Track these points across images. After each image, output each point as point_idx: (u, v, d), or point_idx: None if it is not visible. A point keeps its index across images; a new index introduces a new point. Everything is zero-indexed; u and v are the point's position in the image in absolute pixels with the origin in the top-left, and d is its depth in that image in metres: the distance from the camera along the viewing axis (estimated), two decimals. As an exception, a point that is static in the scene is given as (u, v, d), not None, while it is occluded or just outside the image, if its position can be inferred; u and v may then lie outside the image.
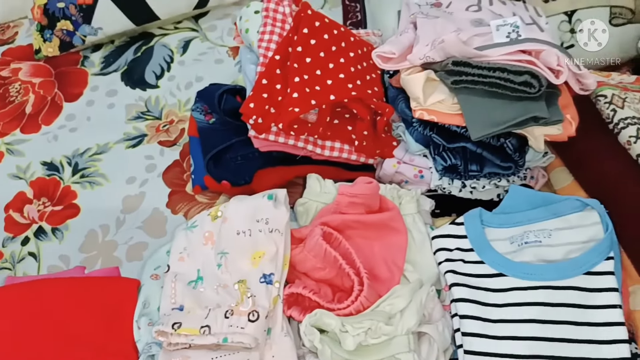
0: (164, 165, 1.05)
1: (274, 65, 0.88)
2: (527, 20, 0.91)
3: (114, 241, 0.97)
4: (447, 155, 0.83)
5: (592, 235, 0.71)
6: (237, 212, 0.76)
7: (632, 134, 0.78)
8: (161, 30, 1.26)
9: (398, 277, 0.77)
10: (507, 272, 0.71)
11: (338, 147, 0.90)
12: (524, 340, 0.67)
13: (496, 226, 0.77)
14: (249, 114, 0.85)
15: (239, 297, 0.71)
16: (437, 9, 0.92)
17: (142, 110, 1.13)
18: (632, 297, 0.73)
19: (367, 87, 0.90)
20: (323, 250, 0.74)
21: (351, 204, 0.78)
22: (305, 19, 0.89)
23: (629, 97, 0.83)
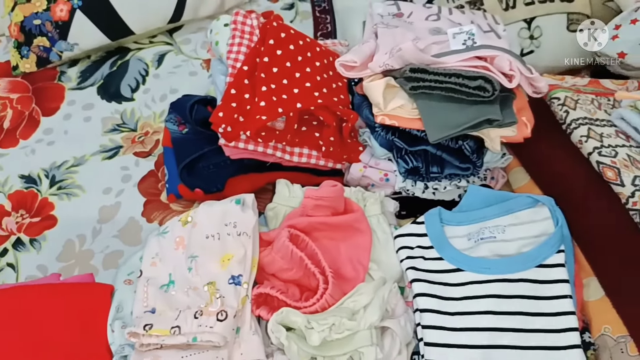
0: (139, 176, 1.07)
1: (242, 76, 0.91)
2: (485, 28, 0.96)
3: (90, 250, 0.99)
4: (409, 158, 0.86)
5: (543, 230, 0.75)
6: (206, 217, 0.79)
7: (584, 134, 0.82)
8: (136, 45, 1.29)
9: (363, 276, 0.80)
10: (464, 267, 0.75)
11: (306, 153, 0.94)
12: (480, 331, 0.70)
13: (455, 224, 0.80)
14: (218, 122, 0.88)
15: (209, 298, 0.73)
16: (398, 19, 0.96)
17: (118, 123, 1.16)
18: (585, 289, 0.77)
19: (333, 95, 0.94)
20: (289, 252, 0.77)
21: (317, 207, 0.81)
22: (271, 31, 0.92)
23: (581, 98, 0.87)
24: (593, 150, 0.80)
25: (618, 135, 0.83)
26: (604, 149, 0.79)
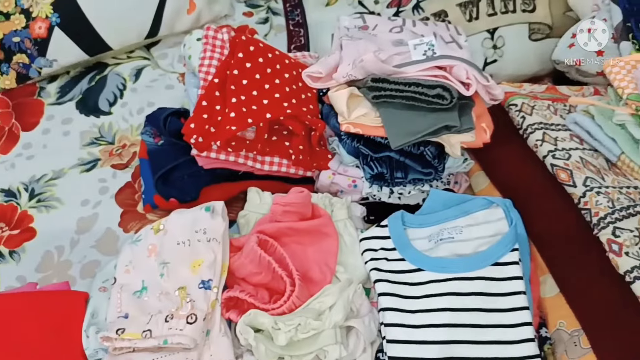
0: (117, 187, 1.09)
1: (213, 88, 0.94)
2: (447, 38, 1.00)
3: (68, 260, 1.01)
4: (374, 165, 0.90)
5: (498, 230, 0.78)
6: (177, 225, 0.82)
7: (539, 138, 0.86)
8: (114, 60, 1.32)
9: (330, 278, 0.83)
10: (424, 267, 0.78)
11: (277, 162, 0.97)
12: (439, 327, 0.73)
13: (416, 226, 0.84)
14: (190, 133, 0.90)
15: (179, 302, 0.76)
16: (363, 31, 1.00)
17: (96, 136, 1.19)
18: (542, 286, 0.80)
19: (302, 105, 0.97)
20: (258, 256, 0.79)
21: (285, 213, 0.84)
22: (240, 45, 0.95)
23: (537, 104, 0.91)
24: (547, 154, 0.83)
25: (572, 138, 0.87)
26: (557, 152, 0.83)
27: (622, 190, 0.79)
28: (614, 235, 0.73)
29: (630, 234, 0.73)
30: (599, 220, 0.75)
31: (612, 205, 0.75)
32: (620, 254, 0.72)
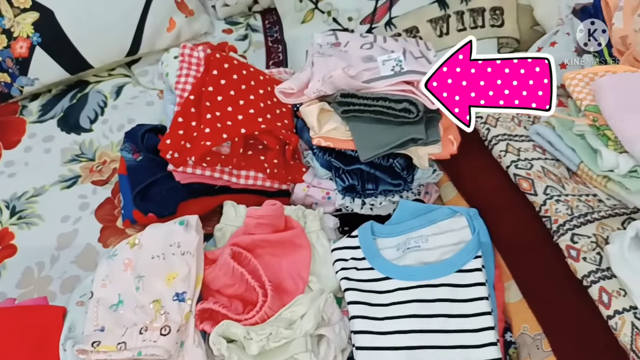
0: (97, 203, 1.11)
1: (188, 105, 0.97)
2: (416, 54, 1.03)
3: (49, 276, 1.02)
4: (345, 177, 0.92)
5: (461, 238, 0.81)
6: (151, 239, 0.84)
7: (502, 149, 0.89)
8: (96, 78, 1.34)
9: (302, 288, 0.85)
10: (392, 276, 0.81)
11: (252, 176, 0.99)
12: (405, 334, 0.75)
13: (385, 236, 0.86)
14: (166, 149, 0.93)
15: (154, 315, 0.78)
16: (335, 48, 1.03)
17: (77, 153, 1.21)
18: (507, 292, 0.83)
19: (276, 120, 1.00)
20: (231, 268, 0.82)
21: (258, 225, 0.87)
22: (214, 62, 0.98)
23: (502, 116, 0.95)
24: (510, 164, 0.87)
25: (535, 149, 0.90)
26: (520, 162, 0.86)
27: (581, 198, 0.82)
28: (572, 241, 0.76)
29: (587, 239, 0.76)
30: (558, 227, 0.77)
31: (570, 213, 0.78)
32: (578, 260, 0.74)
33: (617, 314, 0.70)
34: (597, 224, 0.78)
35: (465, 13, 1.16)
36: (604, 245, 0.75)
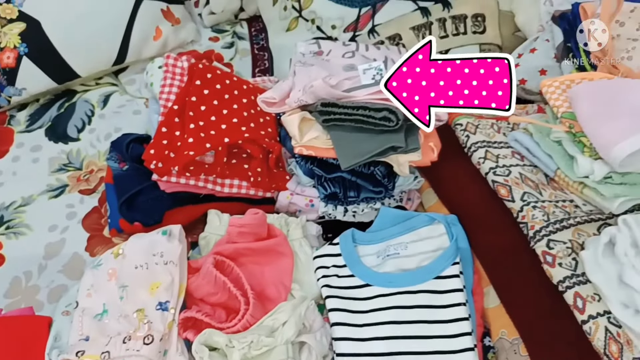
0: (84, 212, 1.12)
1: (172, 114, 0.98)
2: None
3: (36, 285, 1.03)
4: (328, 185, 0.94)
5: (439, 245, 0.82)
6: (135, 249, 0.85)
7: (481, 156, 0.90)
8: (83, 87, 1.35)
9: (285, 296, 0.86)
10: (372, 283, 0.82)
11: (236, 184, 1.00)
12: (384, 340, 0.76)
13: (366, 243, 0.88)
14: (150, 159, 0.94)
15: (137, 324, 0.79)
16: (318, 56, 1.04)
17: (64, 163, 1.21)
18: (485, 297, 0.84)
19: (260, 129, 1.01)
20: (214, 277, 0.83)
21: (241, 234, 0.88)
22: (197, 72, 0.99)
23: (481, 123, 0.96)
24: (489, 171, 0.88)
25: (514, 155, 0.91)
26: (498, 168, 0.87)
27: (557, 204, 0.83)
28: (548, 247, 0.77)
29: (563, 245, 0.77)
30: (534, 233, 0.79)
31: (547, 219, 0.80)
32: (553, 265, 0.76)
33: (591, 319, 0.71)
34: (573, 229, 0.80)
35: (447, 20, 1.17)
36: (579, 251, 0.77)
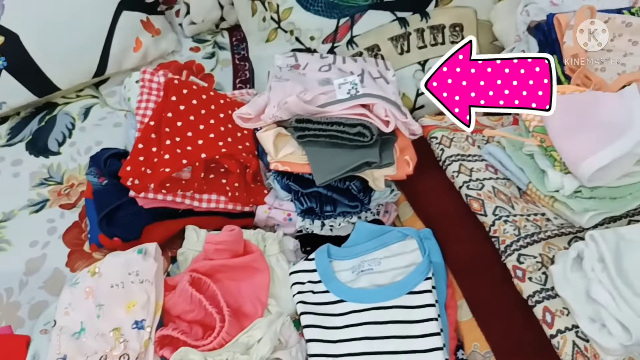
0: (64, 227, 1.12)
1: (149, 131, 0.98)
2: (375, 74, 1.05)
3: (17, 302, 1.04)
4: (304, 200, 0.94)
5: (412, 260, 0.83)
6: (111, 268, 0.85)
7: (455, 170, 0.91)
8: (64, 99, 1.35)
9: (261, 312, 0.87)
10: (346, 298, 0.83)
11: (214, 199, 1.01)
12: (357, 356, 0.77)
13: (341, 258, 0.88)
14: (126, 176, 0.94)
15: (114, 343, 0.79)
16: (295, 70, 1.05)
17: (45, 177, 1.22)
18: (459, 310, 0.85)
19: (237, 143, 1.02)
20: (189, 295, 0.83)
21: (217, 251, 0.88)
22: (173, 88, 1.00)
23: (456, 137, 0.97)
24: (463, 184, 0.89)
25: (487, 168, 0.92)
26: (472, 182, 0.88)
27: (529, 218, 0.84)
28: (518, 261, 0.78)
29: (533, 260, 0.78)
30: (505, 247, 0.80)
31: (518, 233, 0.80)
32: (523, 280, 0.77)
33: (559, 333, 0.72)
34: (544, 243, 0.81)
35: (426, 30, 1.18)
36: (549, 265, 0.77)
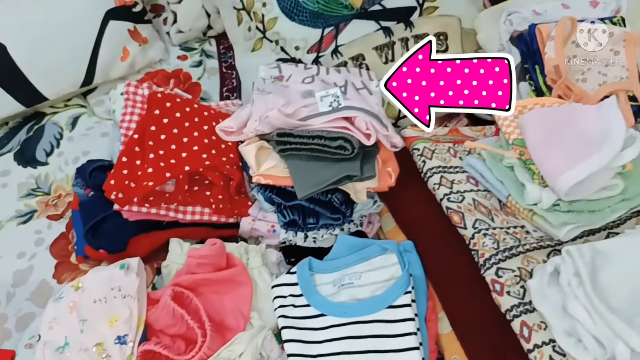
0: (52, 238, 1.13)
1: (133, 144, 0.99)
2: (358, 85, 1.06)
3: (4, 314, 1.04)
4: (287, 212, 0.95)
5: (392, 274, 0.84)
6: (93, 283, 0.86)
7: (436, 182, 0.92)
8: (52, 109, 1.36)
9: (244, 325, 0.87)
10: (327, 312, 0.83)
11: (199, 211, 1.01)
12: (336, 370, 0.78)
13: (322, 272, 0.89)
14: (110, 190, 0.95)
15: (97, 358, 0.80)
16: (278, 82, 1.05)
17: (33, 188, 1.22)
18: (440, 322, 0.86)
19: (221, 155, 1.02)
20: (172, 309, 0.84)
21: (199, 265, 0.89)
22: (156, 101, 1.00)
23: (438, 148, 0.97)
24: (443, 197, 0.89)
25: (469, 180, 0.93)
26: (452, 195, 0.89)
27: (509, 231, 0.85)
28: (497, 275, 0.79)
29: (512, 273, 0.79)
30: (484, 261, 0.80)
31: (497, 247, 0.81)
32: (502, 294, 0.77)
33: (536, 348, 0.73)
34: (523, 257, 0.81)
35: (410, 39, 1.18)
36: (528, 279, 0.78)
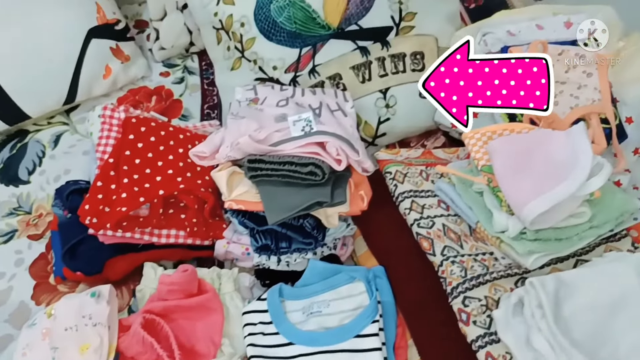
0: (31, 259, 1.13)
1: (108, 168, 0.99)
2: (333, 107, 1.06)
3: (-17, 336, 1.05)
4: (259, 237, 0.95)
5: (359, 303, 0.84)
6: (65, 310, 0.87)
7: (407, 207, 0.92)
8: (35, 127, 1.36)
9: (214, 352, 0.88)
10: (295, 341, 0.84)
11: (174, 234, 1.02)
12: (303, 401, 0.78)
13: (293, 298, 0.89)
14: (85, 215, 0.95)
15: (67, 386, 0.81)
16: (253, 104, 1.06)
17: (15, 207, 1.23)
18: (410, 349, 0.86)
19: (197, 178, 1.03)
20: (141, 337, 0.85)
21: (170, 291, 0.90)
22: (130, 126, 1.01)
23: (410, 171, 0.97)
24: (414, 222, 0.90)
25: (440, 205, 0.93)
26: (422, 220, 0.89)
27: (477, 258, 0.85)
28: (463, 304, 0.79)
29: (478, 303, 0.79)
30: (452, 289, 0.81)
31: (464, 275, 0.81)
32: (468, 323, 0.78)
33: (500, 379, 0.73)
34: (490, 285, 0.82)
35: (387, 59, 1.18)
36: (494, 308, 0.78)
